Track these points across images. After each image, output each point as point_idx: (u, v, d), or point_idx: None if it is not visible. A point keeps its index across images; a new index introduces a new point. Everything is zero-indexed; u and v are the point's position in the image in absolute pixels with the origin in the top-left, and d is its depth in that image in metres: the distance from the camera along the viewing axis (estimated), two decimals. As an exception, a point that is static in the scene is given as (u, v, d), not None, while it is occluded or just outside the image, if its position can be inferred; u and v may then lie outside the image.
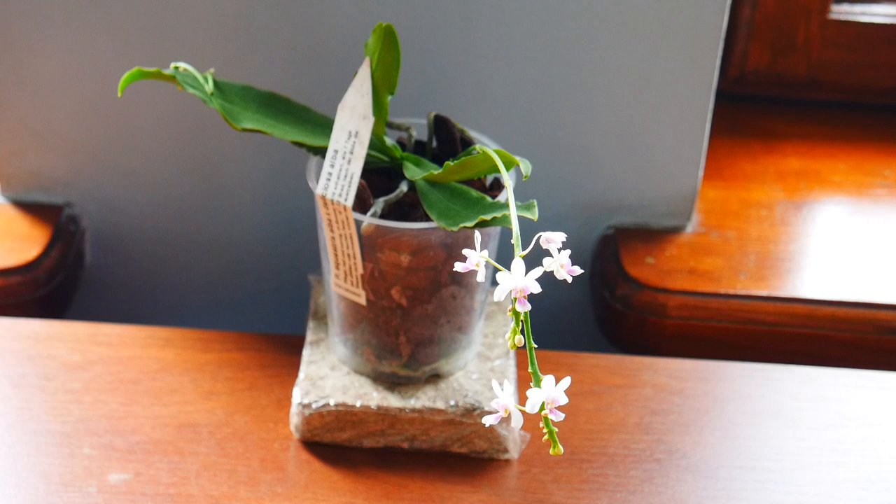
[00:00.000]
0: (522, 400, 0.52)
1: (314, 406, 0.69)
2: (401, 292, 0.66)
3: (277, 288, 0.89)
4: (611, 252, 0.83)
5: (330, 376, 0.71)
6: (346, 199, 0.64)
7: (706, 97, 0.80)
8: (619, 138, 0.82)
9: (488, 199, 0.63)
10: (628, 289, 0.80)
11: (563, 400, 0.51)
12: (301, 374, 0.71)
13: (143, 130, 0.82)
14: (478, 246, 0.55)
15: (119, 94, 0.65)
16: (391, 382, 0.70)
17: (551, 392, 0.51)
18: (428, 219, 0.64)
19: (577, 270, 0.53)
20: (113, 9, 0.77)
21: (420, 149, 0.72)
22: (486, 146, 0.64)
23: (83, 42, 0.78)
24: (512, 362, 0.73)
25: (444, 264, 0.66)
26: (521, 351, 0.73)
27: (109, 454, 0.69)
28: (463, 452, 0.70)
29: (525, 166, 0.59)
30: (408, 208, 0.66)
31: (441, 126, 0.70)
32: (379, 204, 0.65)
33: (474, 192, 0.64)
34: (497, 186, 0.69)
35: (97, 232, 0.86)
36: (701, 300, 0.79)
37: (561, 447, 0.51)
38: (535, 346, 0.53)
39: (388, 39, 0.65)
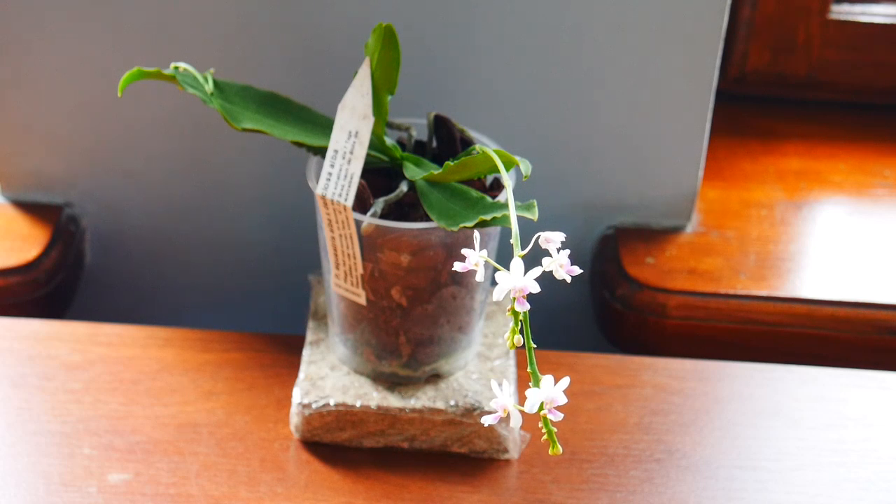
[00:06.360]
0: (522, 400, 0.52)
1: (314, 406, 0.69)
2: (401, 292, 0.66)
3: (277, 288, 0.89)
4: (611, 252, 0.83)
5: (330, 376, 0.71)
6: (346, 199, 0.64)
7: (706, 97, 0.80)
8: (619, 138, 0.81)
9: (488, 199, 0.63)
10: (628, 289, 0.80)
11: (562, 400, 0.51)
12: (301, 374, 0.71)
13: (143, 130, 0.82)
14: (477, 246, 0.55)
15: (119, 94, 0.65)
16: (391, 382, 0.70)
17: (550, 392, 0.51)
18: (428, 219, 0.64)
19: (577, 270, 0.53)
20: (113, 9, 0.77)
21: (420, 149, 0.72)
22: (486, 146, 0.64)
23: (83, 42, 0.78)
24: (512, 362, 0.73)
25: (444, 264, 0.66)
26: (520, 351, 0.73)
27: (109, 454, 0.69)
28: (463, 452, 0.70)
29: (525, 166, 0.59)
30: (408, 208, 0.66)
31: (441, 126, 0.70)
32: (379, 204, 0.65)
33: (474, 192, 0.64)
34: (497, 186, 0.69)
35: (97, 232, 0.86)
36: (701, 300, 0.79)
37: (560, 447, 0.51)
38: (535, 345, 0.53)
39: (388, 39, 0.65)
